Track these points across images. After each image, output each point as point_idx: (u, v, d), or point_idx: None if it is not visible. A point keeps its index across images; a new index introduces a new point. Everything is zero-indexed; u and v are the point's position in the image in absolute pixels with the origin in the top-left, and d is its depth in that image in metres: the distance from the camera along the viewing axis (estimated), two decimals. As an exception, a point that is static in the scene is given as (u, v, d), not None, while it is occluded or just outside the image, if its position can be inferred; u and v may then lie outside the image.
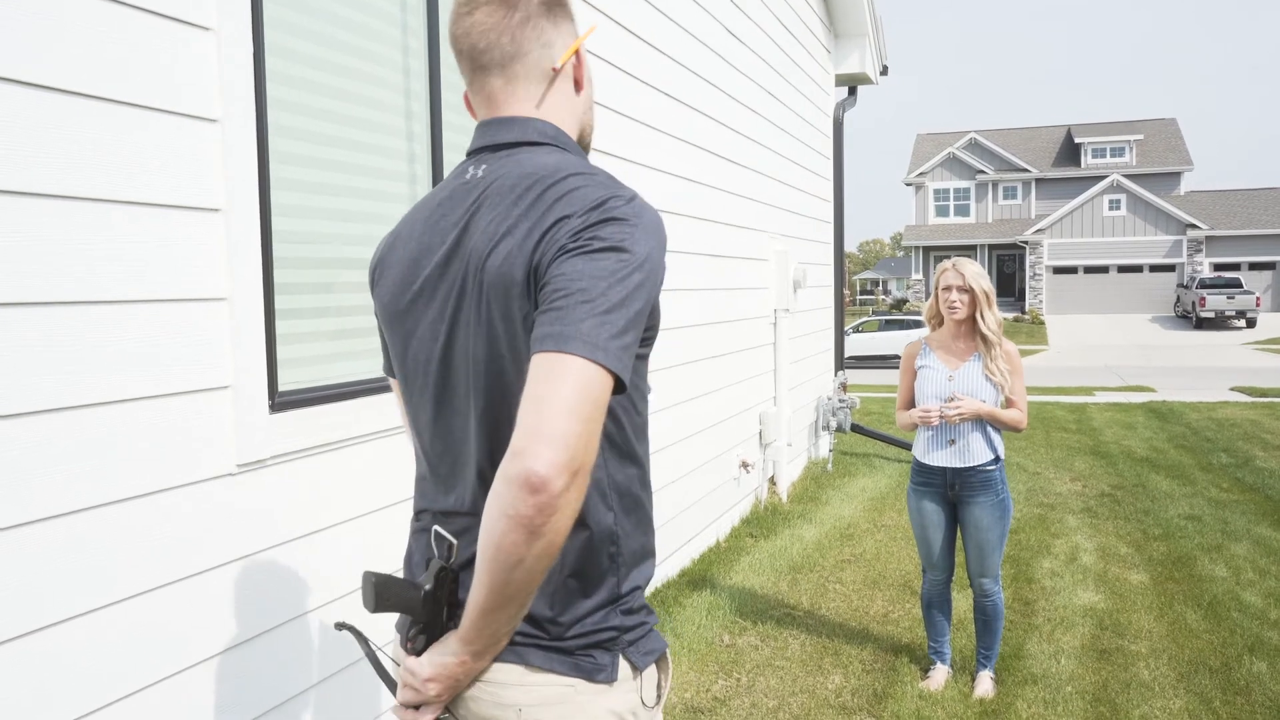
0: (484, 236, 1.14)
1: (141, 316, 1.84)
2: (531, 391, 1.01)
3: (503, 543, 1.00)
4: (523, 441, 0.98)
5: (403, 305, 1.24)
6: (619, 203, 1.10)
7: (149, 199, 1.84)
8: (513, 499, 0.98)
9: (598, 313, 1.03)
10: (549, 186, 1.12)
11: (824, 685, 3.62)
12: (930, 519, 3.55)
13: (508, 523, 0.99)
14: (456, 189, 1.22)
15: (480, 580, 1.04)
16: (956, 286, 3.38)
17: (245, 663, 2.08)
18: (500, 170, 1.18)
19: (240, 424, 2.04)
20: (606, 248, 1.06)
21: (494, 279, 1.11)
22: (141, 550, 1.84)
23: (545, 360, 1.01)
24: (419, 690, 1.13)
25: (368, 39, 2.57)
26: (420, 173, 2.79)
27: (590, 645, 1.16)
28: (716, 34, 5.24)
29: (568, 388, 1.00)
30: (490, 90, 1.23)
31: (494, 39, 1.20)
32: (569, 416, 0.99)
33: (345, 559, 2.38)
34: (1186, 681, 3.69)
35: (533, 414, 0.99)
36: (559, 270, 1.05)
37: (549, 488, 0.97)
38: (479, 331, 1.14)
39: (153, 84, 1.85)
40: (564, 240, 1.07)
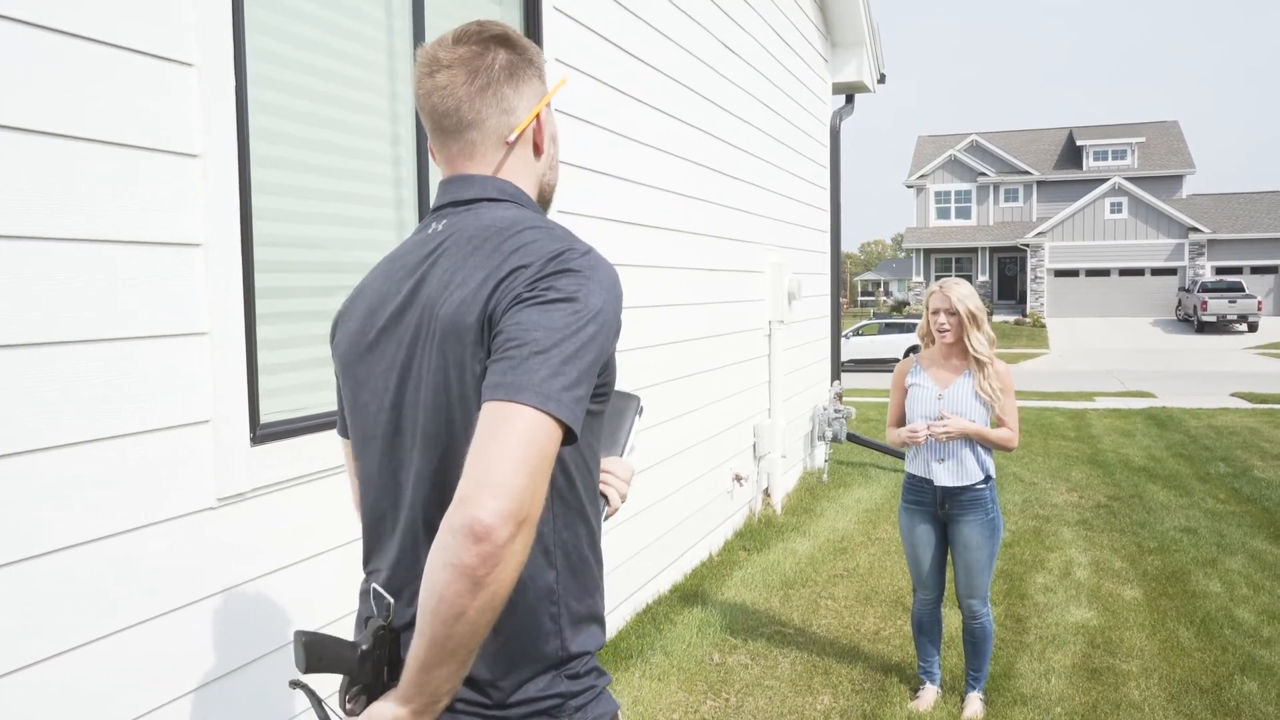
0: (439, 285, 1.14)
1: (121, 354, 1.84)
2: (479, 440, 1.00)
3: (445, 593, 0.97)
4: (468, 489, 0.98)
5: (356, 355, 1.24)
6: (574, 255, 1.11)
7: (128, 236, 1.84)
8: (457, 548, 0.96)
9: (551, 363, 1.03)
10: (506, 238, 1.13)
11: (813, 706, 3.62)
12: (920, 537, 3.55)
13: (451, 572, 0.96)
14: (416, 243, 1.24)
15: (421, 634, 1.00)
16: (944, 310, 3.38)
17: (228, 695, 2.08)
18: (459, 224, 1.20)
19: (221, 458, 2.04)
20: (561, 299, 1.07)
21: (447, 326, 1.11)
22: (125, 585, 1.85)
23: (495, 409, 1.01)
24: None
25: (353, 66, 2.57)
26: (406, 197, 2.79)
27: (534, 713, 1.13)
28: (709, 47, 5.24)
29: (516, 437, 0.99)
30: (449, 153, 1.25)
31: (453, 105, 1.21)
32: (516, 466, 0.98)
33: (328, 589, 2.38)
34: (1177, 702, 3.68)
35: (480, 462, 0.99)
36: (513, 319, 1.06)
37: (493, 536, 0.95)
38: (430, 380, 1.13)
39: (132, 121, 1.85)
40: (519, 289, 1.07)
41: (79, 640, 1.77)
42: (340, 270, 2.54)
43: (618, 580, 4.18)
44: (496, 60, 1.21)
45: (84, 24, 1.75)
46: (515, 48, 1.24)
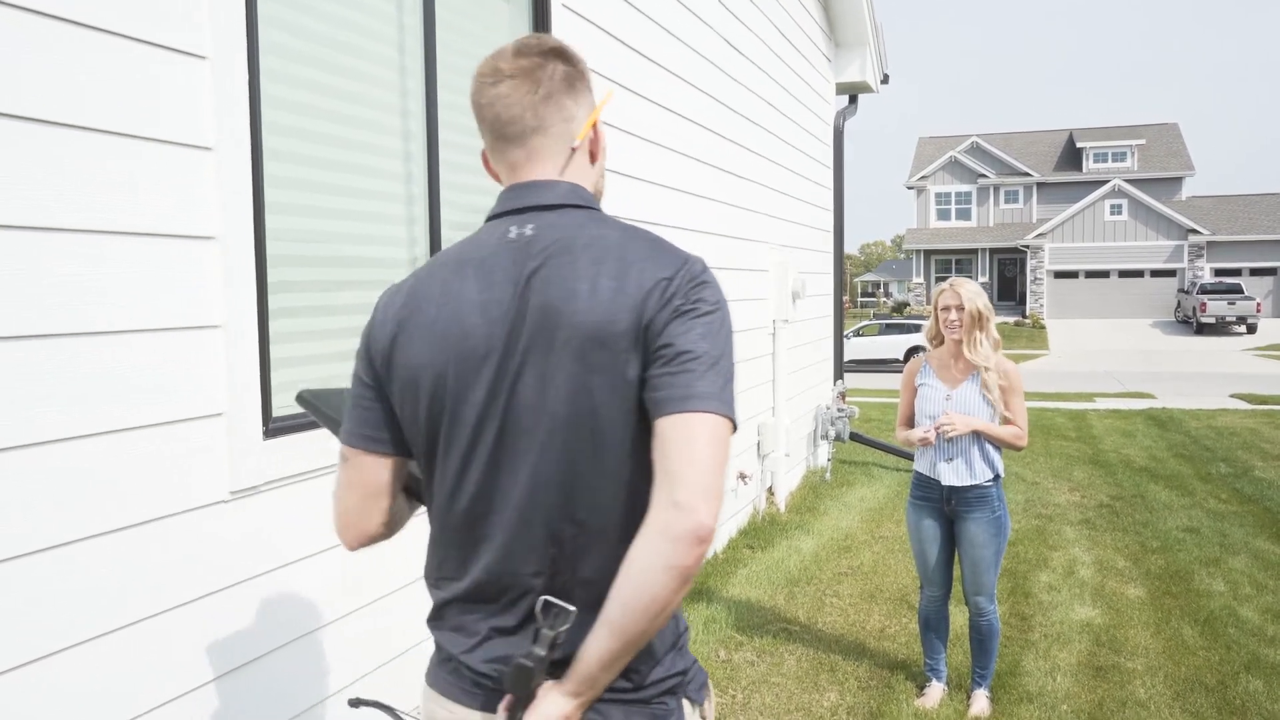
0: (560, 291, 1.17)
1: (135, 346, 1.84)
2: (683, 448, 1.09)
3: (660, 593, 1.07)
4: (688, 497, 1.07)
5: (443, 363, 1.21)
6: (699, 266, 1.21)
7: (143, 229, 1.85)
8: (679, 552, 1.06)
9: (722, 373, 1.15)
10: (625, 247, 1.20)
11: (819, 703, 3.62)
12: (927, 534, 3.55)
13: (670, 574, 1.06)
14: (501, 248, 1.23)
15: (615, 631, 1.09)
16: (955, 306, 3.39)
17: (240, 688, 2.08)
18: (554, 231, 1.22)
19: (234, 451, 2.04)
20: (711, 310, 1.18)
21: (588, 334, 1.14)
22: (136, 578, 1.85)
23: (692, 420, 1.10)
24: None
25: (365, 61, 2.57)
26: (417, 193, 2.79)
27: (662, 693, 1.21)
28: (715, 46, 5.25)
29: (715, 444, 1.11)
30: (513, 160, 1.28)
31: (517, 114, 1.25)
32: (718, 472, 1.10)
33: (339, 582, 2.38)
34: (1182, 700, 3.69)
35: (691, 470, 1.08)
36: (679, 331, 1.14)
37: (711, 537, 1.07)
38: (565, 385, 1.16)
39: (146, 114, 1.85)
40: (676, 302, 1.15)
41: (93, 633, 1.77)
42: (350, 265, 2.54)
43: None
44: (556, 72, 1.26)
45: (103, 18, 1.76)
46: (571, 60, 1.29)
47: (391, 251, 2.70)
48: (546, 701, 1.13)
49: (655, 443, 1.13)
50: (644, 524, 1.10)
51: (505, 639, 1.22)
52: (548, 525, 1.18)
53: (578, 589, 1.18)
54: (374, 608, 2.52)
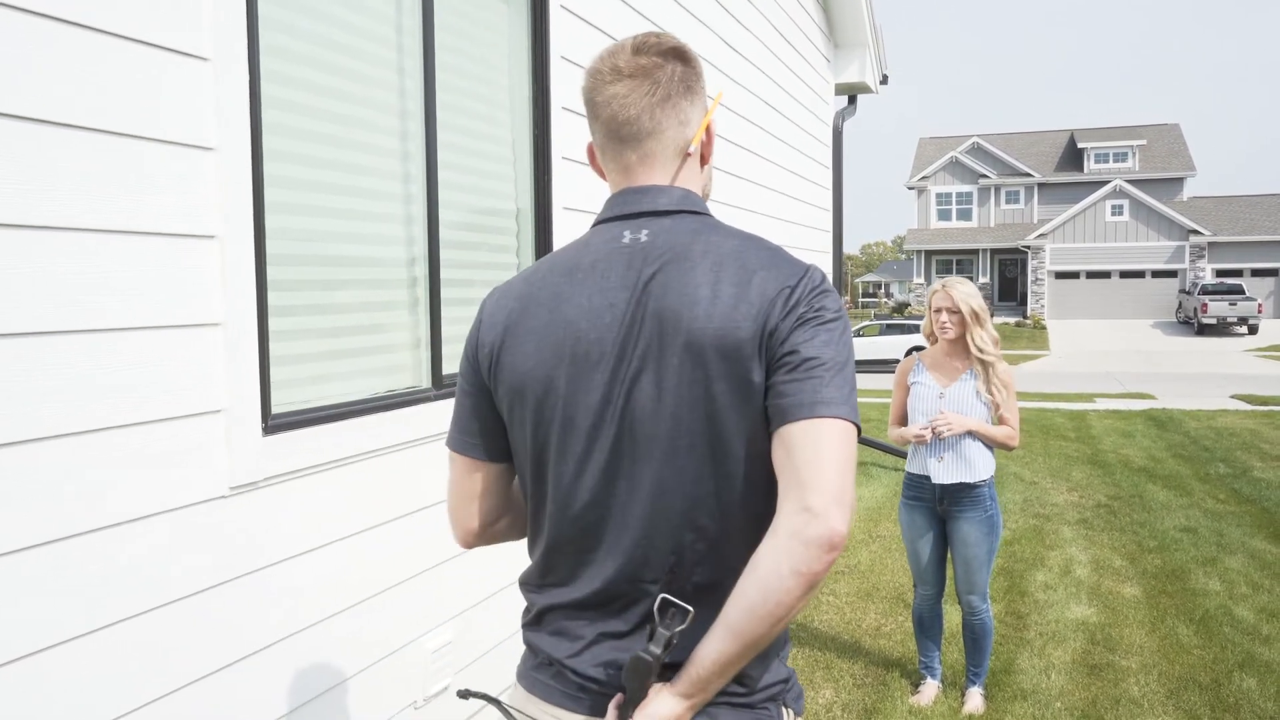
0: (679, 298, 1.17)
1: (136, 343, 1.87)
2: (812, 453, 1.08)
3: (784, 598, 1.06)
4: (820, 502, 1.06)
5: (553, 369, 1.21)
6: (819, 275, 1.21)
7: (144, 228, 1.87)
8: (810, 557, 1.05)
9: (847, 379, 1.15)
10: (744, 254, 1.19)
11: (814, 700, 3.64)
12: (920, 533, 3.57)
13: (798, 579, 1.05)
14: (615, 252, 1.23)
15: (735, 634, 1.09)
16: (946, 308, 3.42)
17: (238, 682, 2.11)
18: (669, 237, 1.22)
19: (233, 446, 2.07)
20: (834, 319, 1.17)
21: (710, 341, 1.14)
22: (134, 573, 1.87)
23: (821, 425, 1.10)
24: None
25: (364, 63, 2.60)
26: (415, 193, 2.82)
27: (767, 699, 1.23)
28: (713, 46, 5.27)
29: (844, 449, 1.10)
30: (626, 162, 1.27)
31: (634, 114, 1.24)
32: (849, 476, 1.10)
33: (339, 578, 2.41)
34: (1176, 698, 3.71)
35: (818, 474, 1.07)
36: (804, 338, 1.14)
37: (843, 544, 1.07)
38: (686, 393, 1.16)
39: (148, 115, 1.87)
40: (801, 310, 1.15)
41: (89, 627, 1.79)
42: (348, 264, 2.57)
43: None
44: (675, 73, 1.25)
45: (104, 19, 1.78)
46: (689, 61, 1.28)
47: (390, 251, 2.72)
48: (657, 701, 1.12)
49: (780, 449, 1.12)
50: (772, 528, 1.09)
51: (615, 643, 1.22)
52: (671, 533, 1.18)
53: (693, 594, 1.17)
54: (375, 602, 2.55)
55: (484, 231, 3.19)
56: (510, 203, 3.33)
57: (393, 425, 2.61)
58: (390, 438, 2.60)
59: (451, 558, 2.84)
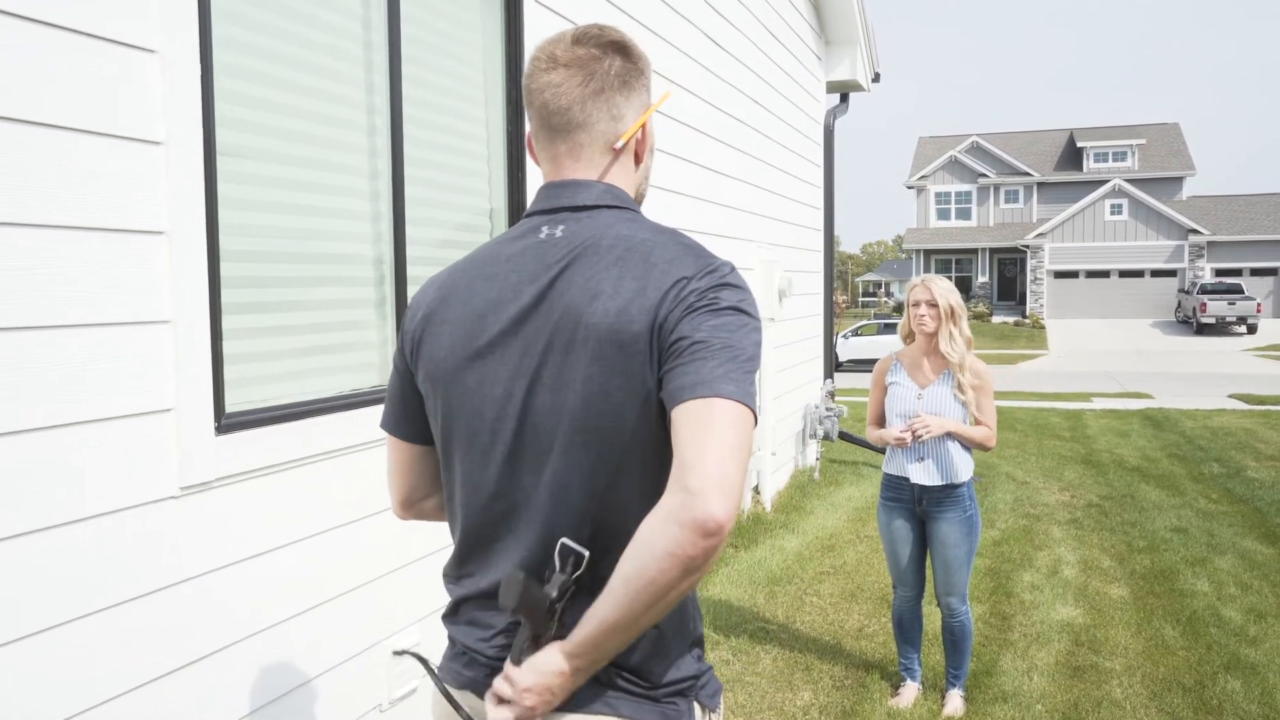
0: (582, 292, 1.16)
1: (81, 341, 1.83)
2: (695, 434, 1.05)
3: (659, 578, 1.03)
4: (699, 483, 1.02)
5: (463, 361, 1.23)
6: (727, 269, 1.19)
7: (89, 223, 1.84)
8: (684, 540, 1.01)
9: (740, 363, 1.10)
10: (653, 249, 1.18)
11: (793, 702, 3.61)
12: (899, 535, 3.54)
13: (671, 560, 1.02)
14: (529, 247, 1.23)
15: (617, 604, 1.06)
16: (925, 301, 3.38)
17: (191, 685, 2.07)
18: (586, 231, 1.21)
19: (184, 446, 2.03)
20: (730, 308, 1.14)
21: (606, 334, 1.13)
22: (80, 575, 1.84)
23: (703, 405, 1.06)
24: (515, 699, 1.12)
25: (327, 57, 2.56)
26: (381, 189, 2.78)
27: (673, 694, 1.22)
28: (697, 42, 5.23)
29: (730, 430, 1.05)
30: (555, 153, 1.27)
31: (565, 104, 1.23)
32: (735, 460, 1.04)
33: (300, 580, 2.37)
34: (1159, 700, 3.67)
35: (699, 456, 1.03)
36: (694, 325, 1.11)
37: (722, 531, 1.02)
38: (582, 387, 1.15)
39: (93, 108, 1.84)
40: (691, 299, 1.13)
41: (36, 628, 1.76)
42: (309, 261, 2.53)
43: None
44: (613, 66, 1.24)
45: (42, 8, 1.75)
46: (631, 56, 1.27)
47: (353, 248, 2.69)
48: (544, 653, 1.12)
49: (672, 434, 1.09)
50: (656, 506, 1.06)
51: None
52: (572, 526, 1.17)
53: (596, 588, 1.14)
54: (338, 604, 2.51)
55: (455, 229, 3.16)
56: (484, 200, 3.29)
57: (356, 425, 2.57)
58: (353, 437, 2.56)
59: (418, 559, 2.80)
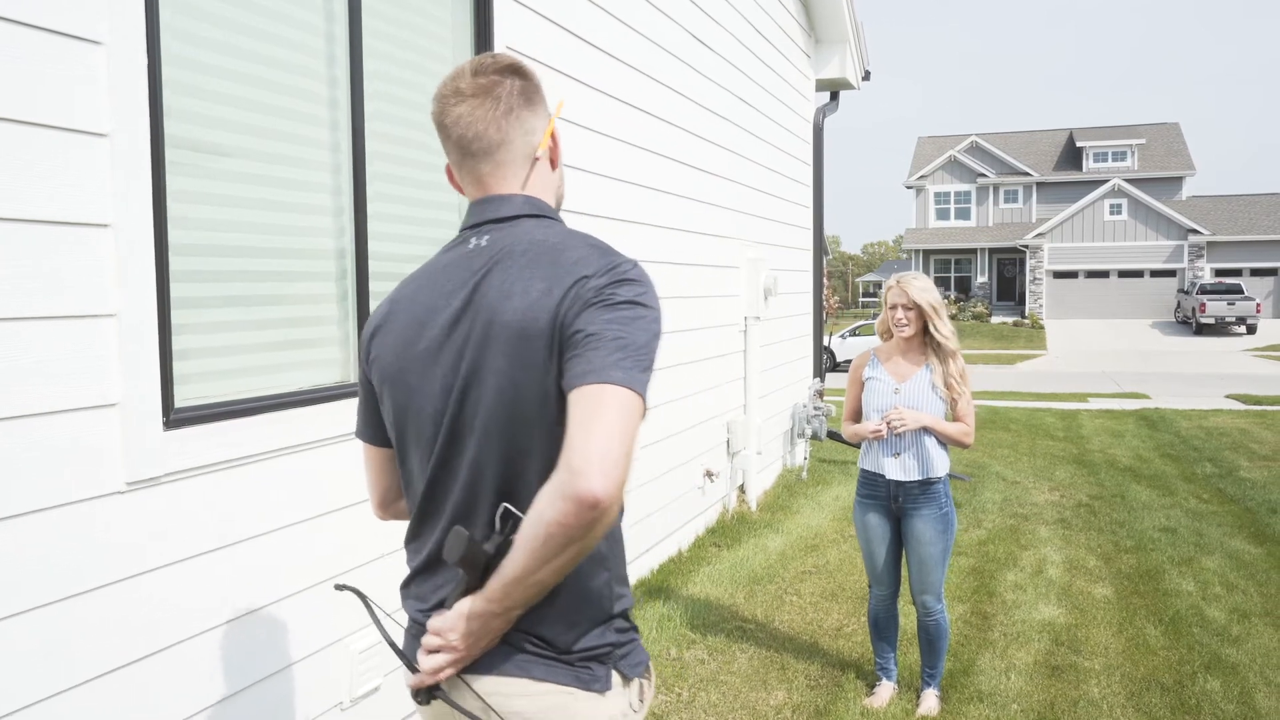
0: (498, 294, 1.27)
1: (20, 334, 1.81)
2: (582, 418, 1.14)
3: (548, 543, 1.15)
4: (580, 463, 1.12)
5: (404, 364, 1.36)
6: (629, 267, 1.28)
7: (28, 215, 1.82)
8: (567, 511, 1.12)
9: (630, 352, 1.19)
10: (562, 252, 1.28)
11: (766, 701, 3.58)
12: (875, 533, 3.51)
13: (556, 528, 1.13)
14: (458, 257, 1.36)
15: (516, 560, 1.18)
16: (902, 305, 3.35)
17: (128, 687, 2.05)
18: (505, 239, 1.33)
19: (130, 441, 2.01)
20: (627, 302, 1.23)
21: (513, 331, 1.24)
22: (21, 570, 1.81)
23: (592, 391, 1.15)
24: (442, 644, 1.26)
25: (285, 49, 2.54)
26: (343, 185, 2.76)
27: (588, 659, 1.31)
28: (678, 39, 5.21)
29: (615, 414, 1.14)
30: (479, 174, 1.39)
31: (481, 130, 1.35)
32: (619, 440, 1.13)
33: (252, 577, 2.35)
34: (1136, 700, 3.65)
35: (588, 438, 1.13)
36: (589, 319, 1.20)
37: (600, 506, 1.11)
38: (494, 381, 1.26)
39: (34, 99, 1.82)
40: (588, 296, 1.22)
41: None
42: (266, 256, 2.51)
43: (577, 575, 4.14)
44: (514, 87, 1.37)
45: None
46: (526, 75, 1.40)
47: (312, 242, 2.66)
48: (469, 599, 1.24)
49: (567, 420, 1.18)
50: (547, 481, 1.17)
51: None
52: (487, 509, 1.28)
53: None
54: (296, 600, 2.49)
55: (420, 225, 3.13)
56: (451, 195, 3.27)
57: (316, 420, 2.55)
58: (313, 433, 2.54)
59: (380, 556, 2.78)
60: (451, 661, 1.27)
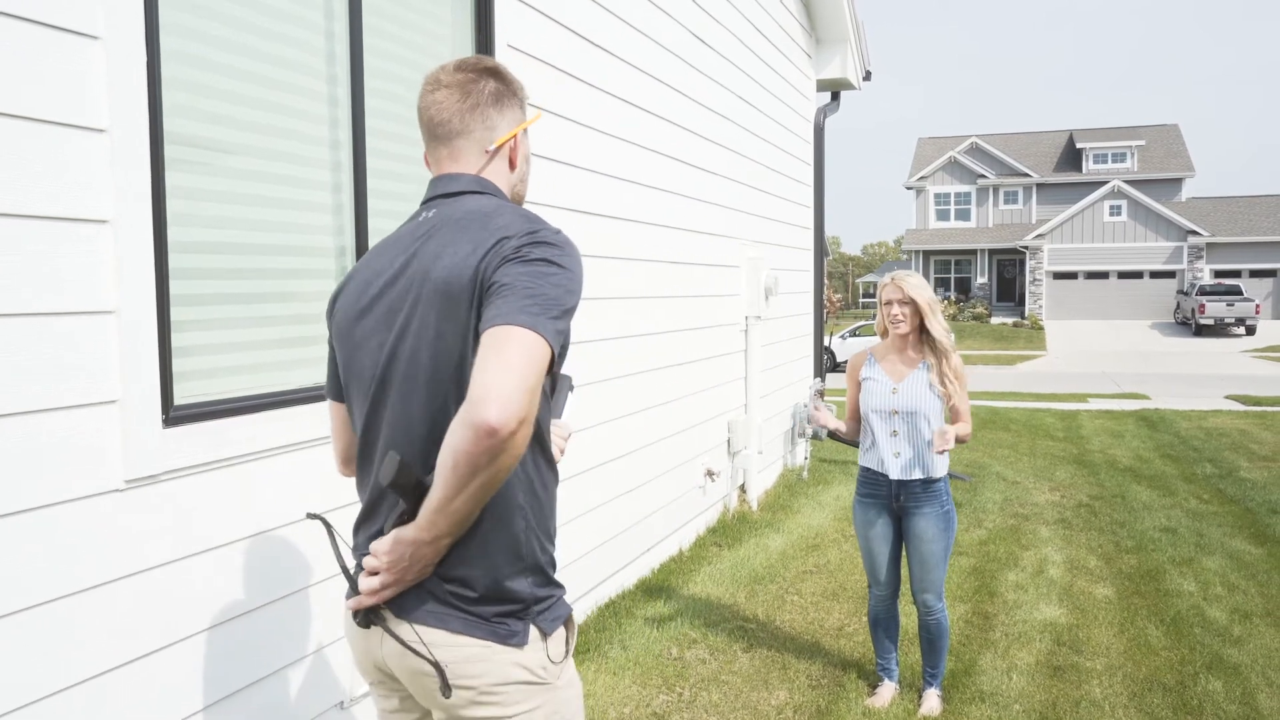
0: (430, 257, 1.40)
1: (19, 331, 1.80)
2: (485, 357, 1.24)
3: (457, 469, 1.24)
4: (478, 394, 1.21)
5: (352, 321, 1.50)
6: (549, 231, 1.39)
7: (27, 211, 1.81)
8: (467, 438, 1.22)
9: (538, 299, 1.29)
10: (490, 218, 1.40)
11: (767, 701, 3.57)
12: (876, 532, 3.50)
13: (462, 456, 1.23)
14: (409, 228, 1.50)
15: (439, 486, 1.28)
16: (897, 300, 3.34)
17: (129, 686, 2.04)
18: (447, 211, 1.47)
19: (129, 439, 2.00)
20: (541, 259, 1.34)
21: (439, 287, 1.35)
22: (18, 569, 1.80)
23: (496, 332, 1.26)
24: (378, 565, 1.36)
25: (285, 46, 2.53)
26: (344, 181, 2.75)
27: (505, 614, 1.39)
28: (683, 40, 5.20)
29: (515, 352, 1.24)
30: (439, 156, 1.54)
31: (446, 117, 1.50)
32: (517, 374, 1.23)
33: (252, 575, 2.34)
34: (1138, 700, 3.63)
35: (486, 373, 1.23)
36: (504, 273, 1.31)
37: (499, 434, 1.21)
38: (423, 334, 1.37)
39: (32, 94, 1.81)
40: (506, 253, 1.33)
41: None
42: (266, 253, 2.50)
43: (579, 573, 4.14)
44: (487, 87, 1.52)
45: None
46: (504, 80, 1.54)
47: (312, 239, 2.65)
48: (402, 526, 1.35)
49: None
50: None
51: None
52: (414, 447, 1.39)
53: None
54: (297, 599, 2.48)
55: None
56: (453, 193, 3.25)
57: (316, 418, 2.54)
58: (313, 431, 2.53)
59: (381, 555, 2.77)
60: (384, 584, 1.36)
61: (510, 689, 1.38)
